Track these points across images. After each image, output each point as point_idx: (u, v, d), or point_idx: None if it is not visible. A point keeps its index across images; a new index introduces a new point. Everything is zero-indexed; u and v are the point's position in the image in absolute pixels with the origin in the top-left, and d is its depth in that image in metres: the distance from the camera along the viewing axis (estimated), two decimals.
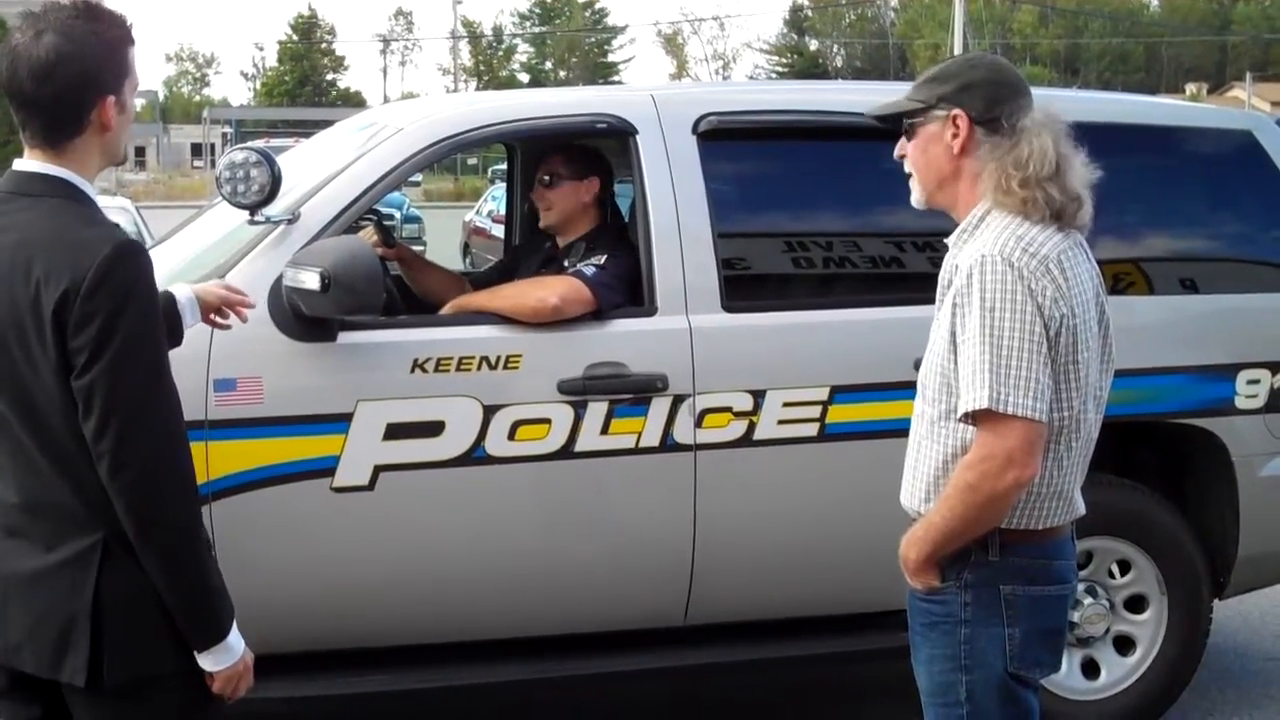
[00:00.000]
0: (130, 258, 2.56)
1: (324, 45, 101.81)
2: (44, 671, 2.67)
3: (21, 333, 2.56)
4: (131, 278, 2.56)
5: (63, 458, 2.61)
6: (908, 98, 3.13)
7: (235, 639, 2.75)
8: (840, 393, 4.50)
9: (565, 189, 4.80)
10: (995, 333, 2.84)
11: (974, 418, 2.88)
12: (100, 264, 2.51)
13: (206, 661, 2.72)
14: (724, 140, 4.66)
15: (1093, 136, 3.11)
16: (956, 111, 3.03)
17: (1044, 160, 2.94)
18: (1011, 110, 3.00)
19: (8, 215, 2.64)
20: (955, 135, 3.03)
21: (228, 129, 58.53)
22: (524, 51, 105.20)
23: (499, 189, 22.95)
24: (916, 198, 3.16)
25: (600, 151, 4.92)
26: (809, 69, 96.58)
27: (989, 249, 2.90)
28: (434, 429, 4.22)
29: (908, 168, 3.16)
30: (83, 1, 2.67)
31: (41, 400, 2.58)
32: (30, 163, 2.68)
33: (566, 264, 4.66)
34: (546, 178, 4.82)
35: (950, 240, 3.09)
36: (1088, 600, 4.86)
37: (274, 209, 4.19)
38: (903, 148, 3.16)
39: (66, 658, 2.63)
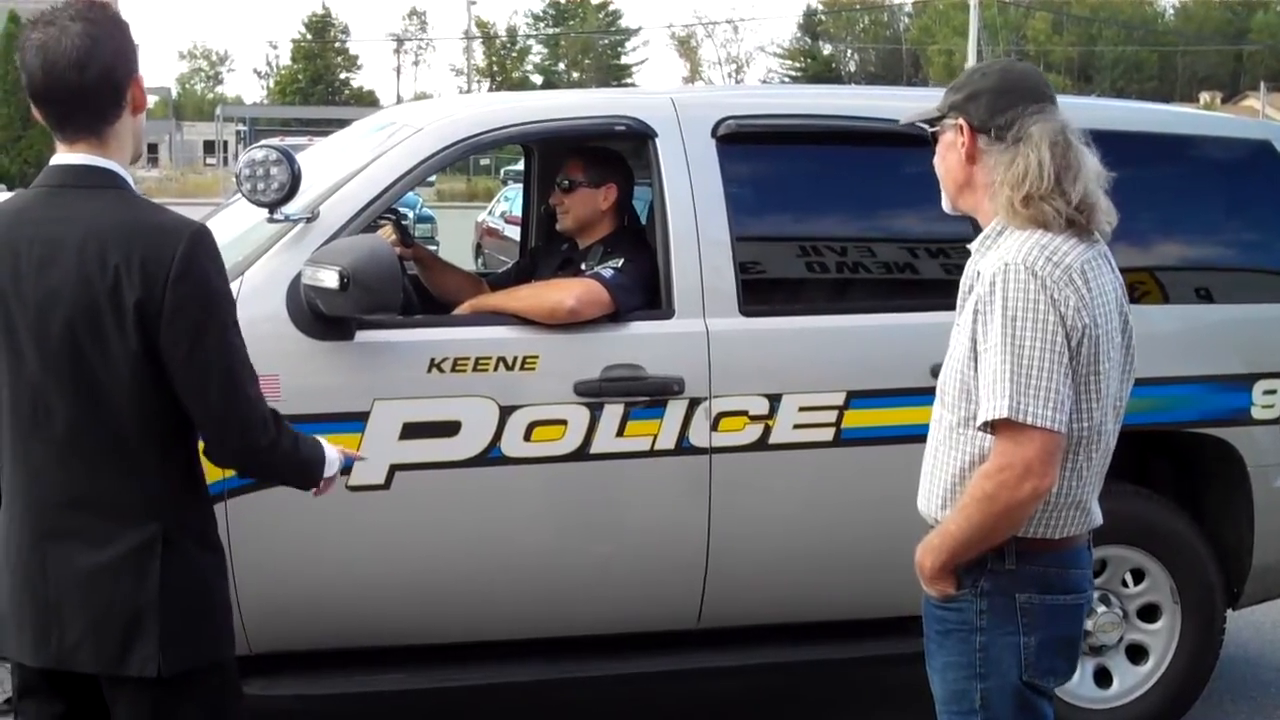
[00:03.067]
0: (207, 238, 2.71)
1: (337, 44, 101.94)
2: (106, 668, 2.71)
3: (95, 321, 2.61)
4: (213, 256, 2.71)
5: (121, 449, 2.68)
6: (935, 106, 3.15)
7: (331, 457, 3.06)
8: (856, 398, 4.50)
9: (582, 194, 4.80)
10: (1017, 342, 2.84)
11: (993, 427, 2.88)
12: (185, 249, 2.64)
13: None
14: (743, 144, 4.65)
15: (1108, 144, 3.11)
16: (960, 120, 3.05)
17: (1041, 175, 2.93)
18: (1013, 119, 3.00)
19: (63, 207, 2.69)
20: (963, 144, 3.05)
21: (241, 127, 58.63)
22: (537, 52, 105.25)
23: (512, 190, 22.96)
24: (944, 202, 3.20)
25: (620, 156, 4.92)
26: (822, 73, 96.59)
27: (1012, 257, 2.90)
28: (450, 429, 4.22)
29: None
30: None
31: (108, 388, 2.64)
32: (75, 156, 2.73)
33: (584, 266, 4.66)
34: (565, 182, 4.82)
35: (973, 246, 3.09)
36: (1101, 609, 4.86)
37: (293, 207, 4.20)
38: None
39: (134, 650, 2.69)
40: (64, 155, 2.74)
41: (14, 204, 2.78)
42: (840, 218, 4.92)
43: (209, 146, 72.17)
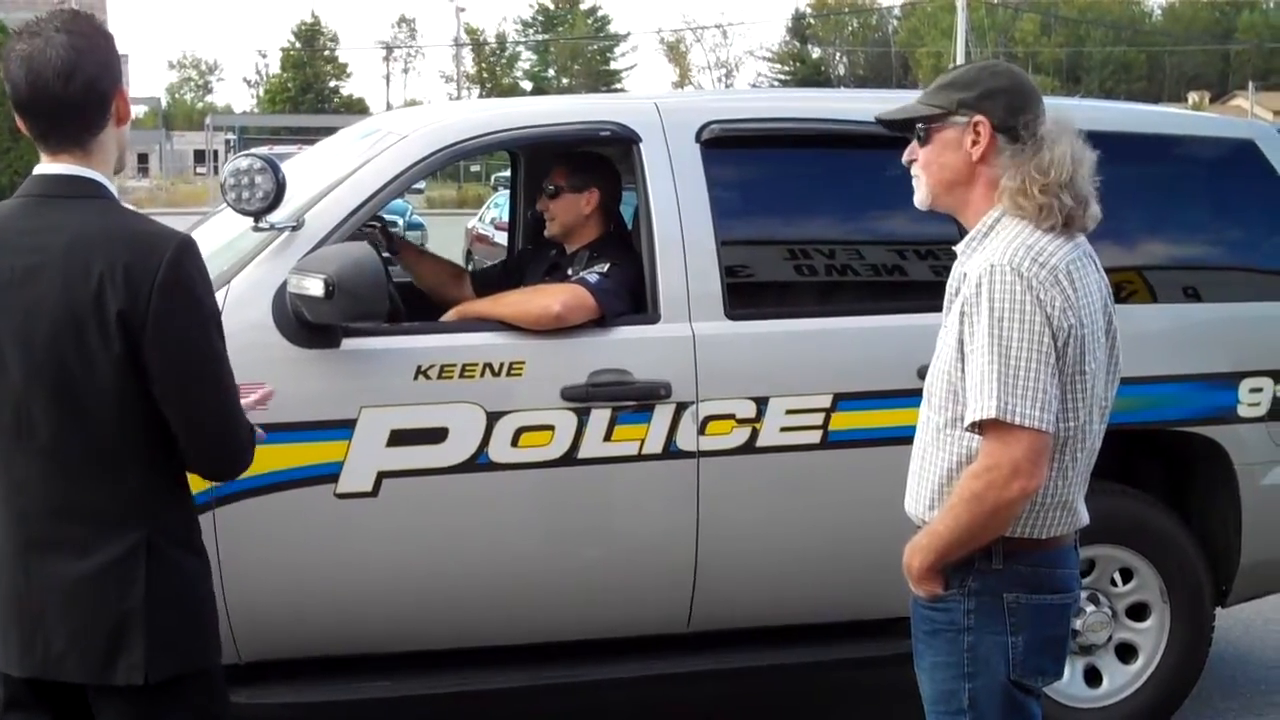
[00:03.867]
0: (193, 248, 2.70)
1: (327, 52, 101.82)
2: (92, 677, 2.71)
3: (79, 330, 2.62)
4: (199, 266, 2.71)
5: (104, 457, 2.68)
6: (924, 102, 3.11)
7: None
8: (843, 400, 4.51)
9: (566, 200, 4.81)
10: (1004, 343, 2.84)
11: (981, 427, 2.88)
12: (170, 258, 2.64)
13: None
14: (727, 148, 4.66)
15: (1096, 145, 3.11)
16: (979, 119, 3.02)
17: (1064, 167, 2.95)
18: (1031, 118, 3.01)
19: (47, 217, 2.70)
20: (975, 142, 3.02)
21: (230, 136, 58.63)
22: (527, 59, 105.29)
23: (502, 196, 22.98)
24: (920, 198, 3.15)
25: (605, 160, 4.92)
26: (811, 77, 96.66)
27: (998, 258, 2.90)
28: (437, 435, 4.22)
29: (915, 170, 3.15)
30: (67, 9, 2.77)
31: (92, 398, 2.64)
32: (58, 166, 2.73)
33: (570, 272, 4.67)
34: (549, 188, 4.83)
35: (959, 248, 3.09)
36: (1090, 608, 4.86)
37: (278, 216, 4.19)
38: (913, 152, 3.14)
39: (120, 659, 2.69)
40: (48, 165, 2.74)
41: None
42: (825, 221, 4.94)
43: (199, 156, 72.09)
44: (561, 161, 4.90)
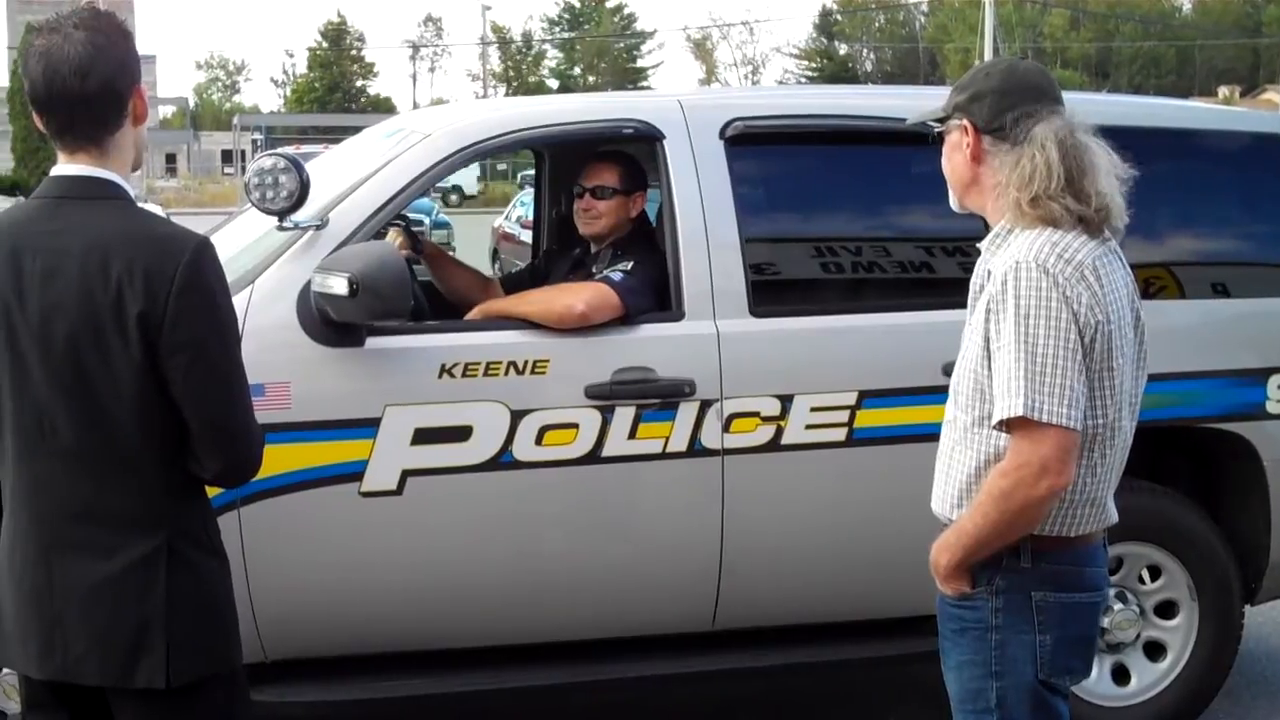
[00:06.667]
0: (210, 251, 2.70)
1: (353, 52, 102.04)
2: (112, 680, 2.71)
3: (99, 332, 2.62)
4: (216, 269, 2.71)
5: (126, 460, 2.67)
6: (941, 106, 3.15)
7: None
8: (868, 397, 4.49)
9: (618, 202, 4.80)
10: (1030, 340, 2.83)
11: (1009, 425, 2.86)
12: (189, 260, 2.64)
13: None
14: (751, 145, 4.65)
15: (1125, 140, 3.10)
16: (965, 121, 3.06)
17: (1050, 175, 2.93)
18: (1017, 119, 2.99)
19: (63, 218, 2.70)
20: (968, 144, 3.05)
21: (258, 136, 58.83)
22: (553, 57, 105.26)
23: (528, 194, 22.97)
24: (951, 201, 3.20)
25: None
26: (838, 73, 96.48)
27: (1024, 255, 2.88)
28: (462, 434, 4.22)
29: None
30: (87, 5, 2.74)
31: (112, 400, 2.64)
32: (75, 167, 2.73)
33: (595, 270, 4.66)
34: (599, 189, 4.80)
35: (983, 245, 3.08)
36: (1118, 606, 4.83)
37: (302, 215, 4.20)
38: None
39: (140, 663, 2.69)
40: (65, 166, 2.74)
41: (15, 215, 2.78)
42: (849, 217, 4.93)
43: (227, 156, 72.31)
44: (612, 161, 4.86)
